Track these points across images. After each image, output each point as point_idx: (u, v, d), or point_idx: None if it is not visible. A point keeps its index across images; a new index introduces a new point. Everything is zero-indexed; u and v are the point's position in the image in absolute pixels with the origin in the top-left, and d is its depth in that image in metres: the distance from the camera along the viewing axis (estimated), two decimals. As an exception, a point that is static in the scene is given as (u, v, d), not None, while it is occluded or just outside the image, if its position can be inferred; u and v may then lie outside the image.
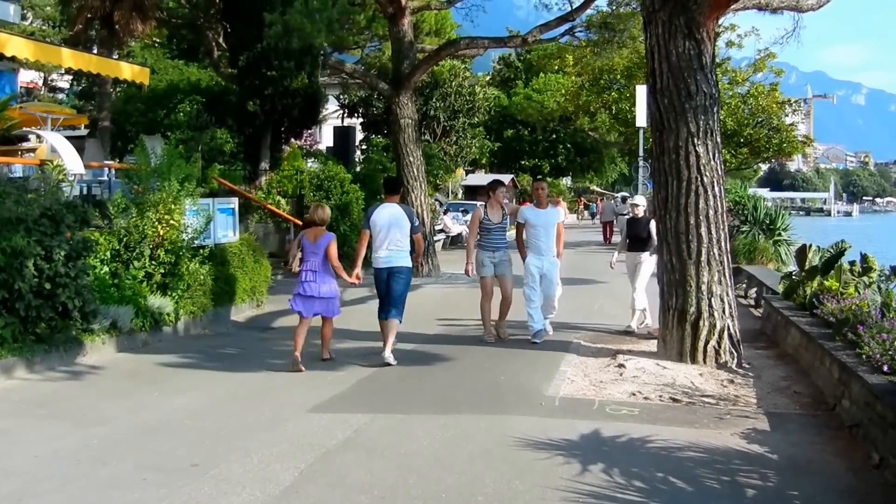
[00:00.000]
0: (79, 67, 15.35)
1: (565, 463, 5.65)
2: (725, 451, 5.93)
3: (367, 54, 29.55)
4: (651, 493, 5.10)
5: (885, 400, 5.54)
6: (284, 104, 19.69)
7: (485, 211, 10.52)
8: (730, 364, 8.65)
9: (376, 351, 9.14)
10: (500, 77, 49.28)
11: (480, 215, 10.53)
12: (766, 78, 29.33)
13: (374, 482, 5.27)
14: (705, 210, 8.73)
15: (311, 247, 9.03)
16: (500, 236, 10.49)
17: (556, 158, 45.04)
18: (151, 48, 26.85)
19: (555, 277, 10.54)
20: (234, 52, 19.86)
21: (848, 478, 5.43)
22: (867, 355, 6.42)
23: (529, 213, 10.56)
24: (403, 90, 18.31)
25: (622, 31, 19.44)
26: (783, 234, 19.42)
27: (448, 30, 32.51)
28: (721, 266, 8.80)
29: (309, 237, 9.14)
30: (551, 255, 10.45)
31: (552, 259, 10.47)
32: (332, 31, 16.43)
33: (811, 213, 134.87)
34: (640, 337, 10.57)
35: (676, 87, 8.81)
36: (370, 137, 32.94)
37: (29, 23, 33.52)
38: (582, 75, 30.73)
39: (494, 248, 10.39)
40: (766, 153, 29.93)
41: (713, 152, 8.82)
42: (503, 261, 10.40)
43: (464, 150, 36.14)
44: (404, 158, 18.25)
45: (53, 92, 36.15)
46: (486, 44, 20.19)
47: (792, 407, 7.23)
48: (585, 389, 7.80)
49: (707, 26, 8.90)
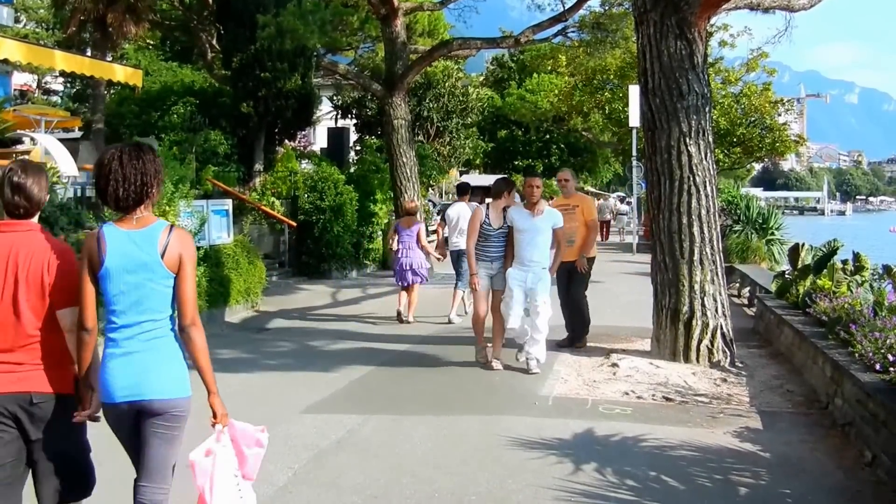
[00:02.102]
0: (72, 70, 15.36)
1: (558, 462, 5.66)
2: (718, 450, 5.94)
3: (360, 55, 29.53)
4: (644, 492, 5.11)
5: (877, 398, 5.56)
6: (278, 106, 19.68)
7: (486, 213, 8.91)
8: (723, 363, 8.67)
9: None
10: (493, 77, 49.25)
11: (482, 217, 8.84)
12: (759, 77, 29.40)
13: (367, 482, 5.28)
14: (697, 209, 8.75)
15: (406, 231, 11.87)
16: (499, 244, 8.79)
17: (550, 159, 44.97)
18: (145, 50, 26.83)
19: (541, 296, 8.49)
20: (227, 53, 19.83)
21: (840, 476, 5.44)
22: (860, 354, 6.44)
23: (516, 214, 8.75)
24: (397, 91, 18.30)
25: (615, 31, 19.41)
26: (776, 233, 19.44)
27: (441, 31, 32.51)
28: (714, 265, 8.82)
29: (403, 224, 12.06)
30: (540, 267, 8.58)
31: (539, 271, 8.56)
32: (325, 32, 16.41)
33: (804, 212, 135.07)
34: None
35: (668, 86, 8.83)
36: (364, 138, 32.89)
37: (22, 25, 33.43)
38: (575, 75, 30.74)
39: (492, 259, 8.79)
40: (758, 152, 29.96)
41: (705, 152, 8.84)
42: (500, 273, 8.78)
43: (457, 151, 36.09)
44: (398, 159, 18.25)
45: (47, 94, 36.08)
46: (479, 44, 20.18)
47: (785, 405, 7.25)
48: (579, 389, 7.81)
49: (698, 26, 8.92)
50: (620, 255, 24.64)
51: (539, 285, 8.48)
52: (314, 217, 17.89)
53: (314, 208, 17.94)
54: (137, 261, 3.46)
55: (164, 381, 3.53)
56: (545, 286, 8.56)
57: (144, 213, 3.55)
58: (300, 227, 17.95)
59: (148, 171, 3.51)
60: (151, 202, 3.59)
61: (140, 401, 3.48)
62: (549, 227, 8.71)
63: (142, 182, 3.49)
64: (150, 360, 3.50)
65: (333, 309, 13.81)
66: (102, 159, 3.52)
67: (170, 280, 3.51)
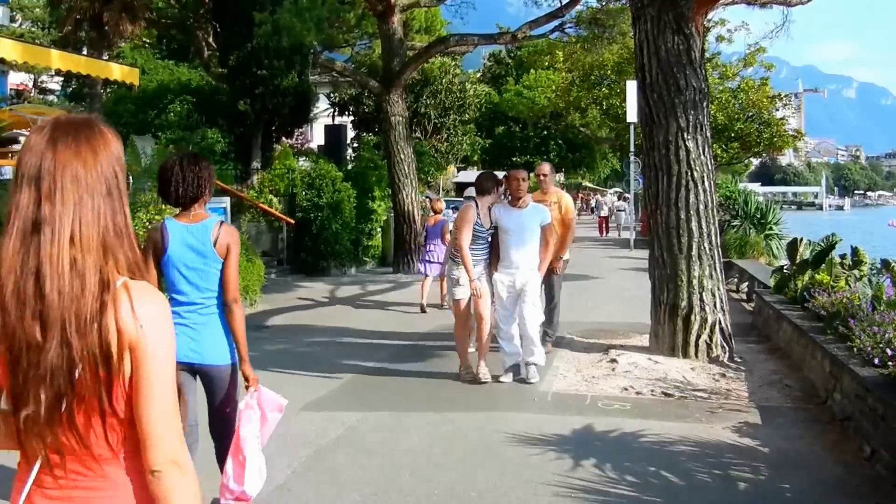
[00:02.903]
0: (68, 69, 15.30)
1: (557, 458, 5.66)
2: (717, 445, 5.94)
3: (357, 52, 29.48)
4: (643, 488, 5.11)
5: (876, 393, 5.56)
6: (275, 103, 19.61)
7: (478, 212, 7.90)
8: (721, 358, 8.66)
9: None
10: (490, 74, 49.21)
11: (473, 217, 7.81)
12: (757, 72, 29.32)
13: (366, 479, 5.28)
14: (695, 204, 8.74)
15: (432, 229, 13.29)
16: (486, 246, 7.94)
17: (548, 154, 44.87)
18: (141, 49, 26.74)
19: (530, 297, 7.86)
20: (223, 51, 19.76)
21: (839, 471, 5.44)
22: (858, 348, 6.43)
23: (500, 212, 7.97)
24: (394, 88, 18.29)
25: (612, 26, 19.42)
26: (774, 228, 19.44)
27: (438, 27, 32.48)
28: (712, 260, 8.82)
29: (429, 222, 13.66)
30: (528, 268, 7.91)
31: (528, 273, 7.89)
32: (321, 29, 16.44)
33: (803, 207, 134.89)
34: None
35: (666, 82, 8.82)
36: (361, 135, 32.88)
37: (18, 25, 33.46)
38: (572, 71, 30.67)
39: (477, 262, 7.81)
40: (756, 148, 29.91)
41: (703, 147, 8.83)
42: (482, 275, 7.89)
43: (455, 148, 36.09)
44: (395, 156, 18.25)
45: (43, 94, 36.02)
46: (475, 41, 20.17)
47: (783, 400, 7.25)
48: (578, 385, 7.80)
49: (696, 21, 8.91)
50: (618, 251, 24.67)
51: (528, 286, 7.83)
52: (312, 214, 17.88)
53: (312, 206, 17.93)
54: (195, 249, 4.20)
55: (219, 350, 4.30)
56: (534, 288, 7.93)
57: (199, 210, 4.29)
58: (298, 225, 17.93)
59: (203, 176, 4.26)
60: (205, 201, 4.32)
61: (201, 364, 4.27)
62: (538, 224, 7.97)
63: (198, 184, 4.24)
64: (207, 332, 4.27)
65: (332, 306, 13.80)
66: (166, 165, 4.32)
67: (219, 265, 4.23)
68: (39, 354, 1.66)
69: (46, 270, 1.67)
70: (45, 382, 1.66)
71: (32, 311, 1.67)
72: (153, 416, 1.73)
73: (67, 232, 1.70)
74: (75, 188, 1.72)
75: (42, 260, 1.68)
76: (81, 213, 1.72)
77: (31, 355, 1.67)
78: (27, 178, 1.73)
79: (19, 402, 1.69)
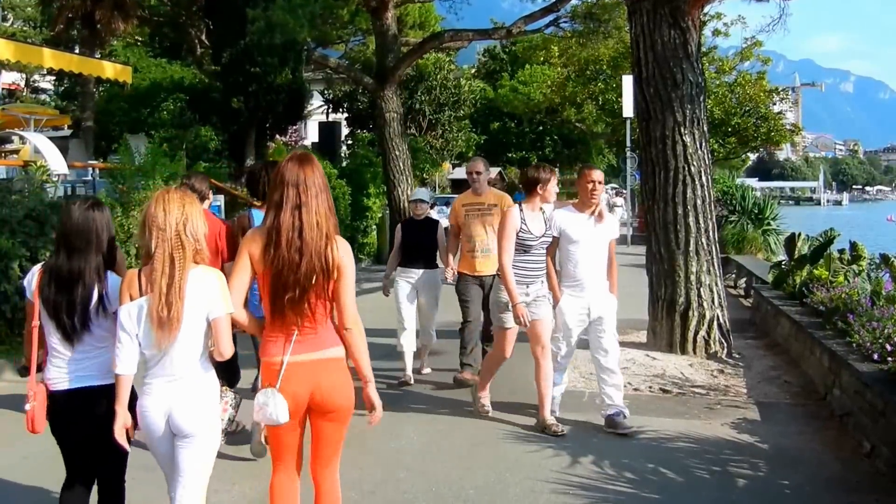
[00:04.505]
0: (61, 67, 15.27)
1: (556, 455, 5.63)
2: (716, 442, 5.91)
3: (350, 49, 29.39)
4: (641, 484, 5.08)
5: (875, 388, 5.52)
6: (268, 100, 19.55)
7: (522, 216, 6.25)
8: (720, 354, 8.64)
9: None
10: (485, 69, 49.09)
11: (517, 224, 6.17)
12: (754, 66, 29.32)
13: (363, 477, 5.24)
14: (693, 200, 8.71)
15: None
16: (540, 258, 6.31)
17: (544, 150, 44.84)
18: (134, 47, 26.66)
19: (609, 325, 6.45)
20: (216, 48, 19.71)
21: (838, 467, 5.41)
22: (857, 344, 6.39)
23: (567, 219, 6.41)
24: (388, 84, 18.22)
25: (607, 21, 19.38)
26: (772, 223, 19.44)
27: (432, 22, 32.42)
28: (709, 256, 8.78)
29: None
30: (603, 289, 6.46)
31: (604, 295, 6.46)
32: (314, 25, 16.35)
33: (800, 202, 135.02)
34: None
35: (662, 76, 8.78)
36: (356, 132, 32.83)
37: (9, 24, 33.35)
38: (568, 66, 30.61)
39: (531, 280, 6.23)
40: (754, 142, 29.91)
41: (700, 141, 8.79)
42: (541, 297, 6.29)
43: (450, 144, 36.06)
44: (390, 153, 18.18)
45: (36, 93, 35.97)
46: (470, 36, 20.07)
47: (782, 396, 7.22)
48: (576, 381, 7.74)
49: (692, 15, 8.87)
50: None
51: (606, 312, 6.39)
52: (307, 212, 17.77)
53: (307, 203, 17.83)
54: None
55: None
56: (613, 313, 6.48)
57: None
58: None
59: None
60: None
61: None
62: (610, 238, 6.50)
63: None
64: None
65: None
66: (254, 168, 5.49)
67: None
68: (297, 269, 3.38)
69: (305, 227, 3.39)
70: (299, 283, 3.39)
71: (296, 248, 3.38)
72: (347, 300, 3.55)
73: (314, 209, 3.42)
74: (315, 187, 3.44)
75: (303, 222, 3.39)
76: (318, 200, 3.44)
77: (292, 270, 3.38)
78: (291, 182, 3.42)
79: (283, 293, 3.40)
